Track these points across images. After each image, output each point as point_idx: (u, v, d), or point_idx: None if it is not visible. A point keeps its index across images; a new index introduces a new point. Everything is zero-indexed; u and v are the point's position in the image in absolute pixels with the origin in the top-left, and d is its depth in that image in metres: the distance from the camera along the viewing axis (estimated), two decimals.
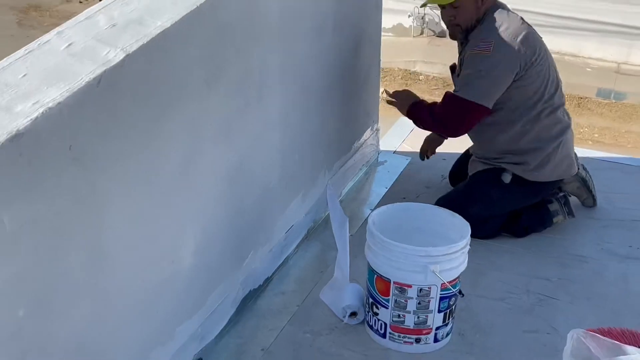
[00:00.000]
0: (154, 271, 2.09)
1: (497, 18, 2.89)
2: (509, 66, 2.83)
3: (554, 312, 2.61)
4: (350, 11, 3.00)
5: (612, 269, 2.85)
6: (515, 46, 2.83)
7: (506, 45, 2.83)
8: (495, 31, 2.85)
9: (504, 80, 2.84)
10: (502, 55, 2.83)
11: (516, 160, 2.96)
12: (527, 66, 2.83)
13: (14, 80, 1.65)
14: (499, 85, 2.84)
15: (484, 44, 2.85)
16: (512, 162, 2.97)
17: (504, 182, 2.98)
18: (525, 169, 2.96)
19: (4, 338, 1.60)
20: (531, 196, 3.04)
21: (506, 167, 2.98)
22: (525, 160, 2.95)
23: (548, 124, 2.95)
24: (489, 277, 2.78)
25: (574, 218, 3.08)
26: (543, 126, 2.94)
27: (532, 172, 2.96)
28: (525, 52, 2.83)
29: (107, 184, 1.81)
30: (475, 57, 2.88)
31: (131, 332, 2.06)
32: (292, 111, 2.70)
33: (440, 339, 2.43)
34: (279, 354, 2.41)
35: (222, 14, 2.13)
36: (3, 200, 1.52)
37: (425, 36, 12.23)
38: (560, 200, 3.07)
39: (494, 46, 2.82)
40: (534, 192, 3.02)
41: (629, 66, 11.14)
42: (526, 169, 2.96)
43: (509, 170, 2.97)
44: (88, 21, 1.90)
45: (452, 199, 2.92)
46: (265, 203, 2.64)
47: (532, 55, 2.84)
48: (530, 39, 2.88)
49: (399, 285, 2.33)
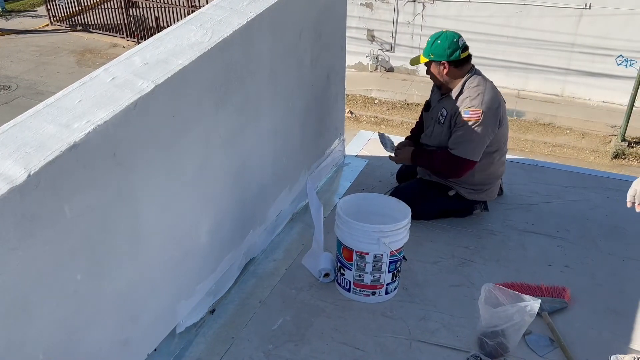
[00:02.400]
0: (178, 246, 2.08)
1: (480, 86, 2.75)
2: (491, 130, 2.74)
3: (472, 271, 2.62)
4: (322, 52, 2.99)
5: (514, 239, 2.86)
6: (497, 115, 2.74)
7: (491, 115, 2.71)
8: (482, 100, 2.71)
9: (488, 140, 2.75)
10: (488, 122, 2.71)
11: (466, 186, 2.88)
12: (499, 126, 2.78)
13: (71, 105, 1.64)
14: (484, 144, 2.75)
15: (474, 113, 2.69)
16: (462, 187, 2.89)
17: (449, 195, 2.92)
18: (470, 193, 2.90)
19: (65, 295, 1.59)
20: (464, 205, 2.96)
21: (455, 187, 2.90)
22: (473, 189, 2.89)
23: (498, 166, 2.89)
24: (425, 246, 2.79)
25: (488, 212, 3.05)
26: (494, 168, 2.87)
27: (474, 195, 2.90)
28: (501, 118, 2.77)
29: (142, 182, 1.80)
30: (467, 123, 2.71)
31: (163, 290, 2.05)
32: (280, 126, 2.69)
33: (390, 292, 2.44)
34: (272, 304, 2.41)
35: (227, 55, 2.11)
36: (64, 195, 1.51)
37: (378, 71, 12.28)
38: (482, 204, 3.00)
39: (483, 115, 2.68)
40: (468, 203, 2.95)
41: (526, 92, 11.28)
42: (470, 193, 2.90)
43: (454, 189, 2.90)
44: (127, 60, 1.88)
45: (407, 195, 2.71)
46: (261, 194, 2.63)
47: (502, 120, 2.79)
48: (503, 107, 2.79)
49: (359, 253, 2.34)
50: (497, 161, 2.88)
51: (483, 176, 2.87)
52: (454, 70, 2.78)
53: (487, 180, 2.90)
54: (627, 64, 10.45)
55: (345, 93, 3.48)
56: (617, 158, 9.83)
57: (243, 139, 2.36)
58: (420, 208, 2.74)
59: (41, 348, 1.55)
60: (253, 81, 2.34)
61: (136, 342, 1.95)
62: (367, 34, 12.19)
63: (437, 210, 2.96)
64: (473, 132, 2.71)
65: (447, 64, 2.76)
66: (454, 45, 2.75)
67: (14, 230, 1.38)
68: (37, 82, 12.51)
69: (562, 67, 10.82)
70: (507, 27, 10.81)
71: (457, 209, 2.98)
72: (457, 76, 2.80)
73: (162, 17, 13.98)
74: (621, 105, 10.33)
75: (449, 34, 2.80)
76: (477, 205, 2.98)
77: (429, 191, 2.94)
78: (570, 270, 2.63)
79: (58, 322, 1.58)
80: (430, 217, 2.94)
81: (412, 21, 11.77)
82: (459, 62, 2.77)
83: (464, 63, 2.79)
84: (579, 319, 2.33)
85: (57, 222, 1.49)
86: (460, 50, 2.76)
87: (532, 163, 3.65)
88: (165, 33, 2.08)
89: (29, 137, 1.50)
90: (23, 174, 1.38)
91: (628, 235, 2.91)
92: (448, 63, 2.76)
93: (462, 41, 2.79)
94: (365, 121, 10.93)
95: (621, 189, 3.33)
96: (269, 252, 2.75)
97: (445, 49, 2.76)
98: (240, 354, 2.15)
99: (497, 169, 2.92)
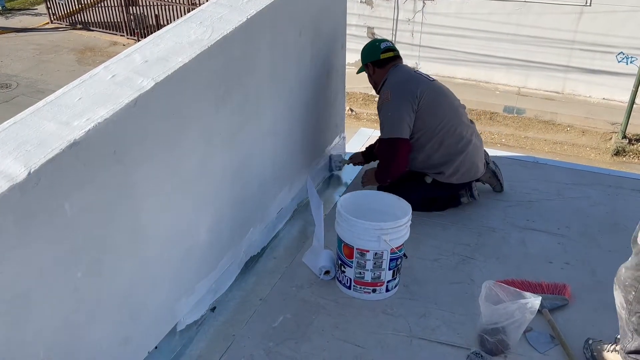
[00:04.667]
0: (179, 243, 2.08)
1: (391, 75, 2.95)
2: (406, 103, 2.82)
3: (472, 268, 2.62)
4: (322, 49, 2.99)
5: (514, 236, 2.87)
6: (406, 88, 2.85)
7: (399, 90, 2.85)
8: (390, 84, 2.91)
9: (406, 114, 2.82)
10: (398, 97, 2.83)
11: (434, 171, 2.95)
12: (418, 101, 2.83)
13: (71, 102, 1.64)
14: (403, 119, 2.82)
15: (383, 95, 2.90)
16: (432, 172, 2.96)
17: (426, 182, 2.98)
18: (441, 177, 2.94)
19: (67, 293, 1.59)
20: (447, 191, 3.02)
21: (428, 173, 2.97)
22: (440, 170, 2.93)
23: (452, 142, 2.90)
24: (425, 244, 2.79)
25: (476, 200, 3.07)
26: (448, 144, 2.90)
27: (446, 178, 2.93)
28: (413, 91, 2.83)
29: (142, 179, 1.79)
30: (381, 106, 2.90)
31: (164, 287, 2.05)
32: (281, 124, 2.68)
33: (391, 289, 2.44)
34: (272, 302, 2.41)
35: (227, 52, 2.11)
36: (64, 192, 1.50)
37: None
38: (467, 190, 3.06)
39: (391, 94, 2.86)
40: (448, 189, 3.00)
41: (527, 89, 11.26)
42: (442, 177, 2.94)
43: (430, 175, 2.97)
44: (127, 58, 1.88)
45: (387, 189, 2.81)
46: (262, 192, 2.63)
47: (419, 94, 2.84)
48: (412, 83, 2.88)
49: (360, 251, 2.34)
50: (449, 137, 2.90)
51: (441, 155, 2.91)
52: (378, 71, 3.02)
53: (448, 157, 2.91)
54: (628, 61, 10.43)
55: (345, 91, 3.48)
56: (618, 155, 9.82)
57: (243, 136, 2.36)
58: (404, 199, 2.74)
59: (42, 346, 1.55)
60: (253, 79, 2.34)
61: (137, 340, 1.95)
62: (367, 31, 12.17)
63: (420, 199, 2.96)
64: (387, 111, 2.87)
65: (371, 65, 3.03)
66: (375, 48, 3.02)
67: (14, 228, 1.38)
68: (37, 81, 12.51)
69: (563, 65, 10.80)
70: (507, 25, 10.79)
71: (440, 196, 3.03)
72: (382, 75, 3.01)
73: (162, 15, 13.97)
74: (622, 102, 10.31)
75: (373, 40, 3.09)
76: (462, 192, 3.04)
77: (408, 182, 3.00)
78: (570, 267, 2.63)
79: (58, 320, 1.58)
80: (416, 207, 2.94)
81: (412, 19, 11.76)
82: (381, 62, 3.00)
83: (386, 63, 3.00)
84: (580, 315, 2.33)
85: (58, 219, 1.49)
86: (381, 52, 3.00)
87: (532, 160, 3.65)
88: (165, 30, 2.08)
89: (29, 134, 1.50)
90: (23, 172, 1.38)
91: (628, 232, 2.88)
92: (371, 64, 3.03)
93: (385, 44, 3.04)
94: (365, 119, 10.92)
95: (621, 186, 3.34)
96: (270, 250, 2.75)
97: (367, 53, 3.05)
98: (241, 352, 2.15)
99: (454, 145, 2.91)
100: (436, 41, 11.52)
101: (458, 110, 2.97)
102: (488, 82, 11.47)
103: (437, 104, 2.90)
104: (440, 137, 2.89)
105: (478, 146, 3.02)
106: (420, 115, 2.86)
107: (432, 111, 2.87)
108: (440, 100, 2.93)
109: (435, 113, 2.88)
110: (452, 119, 2.92)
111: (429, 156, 2.92)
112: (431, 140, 2.89)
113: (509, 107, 10.97)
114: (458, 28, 11.16)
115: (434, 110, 2.88)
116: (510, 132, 10.53)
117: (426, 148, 2.90)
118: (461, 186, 3.02)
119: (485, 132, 10.23)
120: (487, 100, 11.05)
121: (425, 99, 2.86)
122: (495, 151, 3.69)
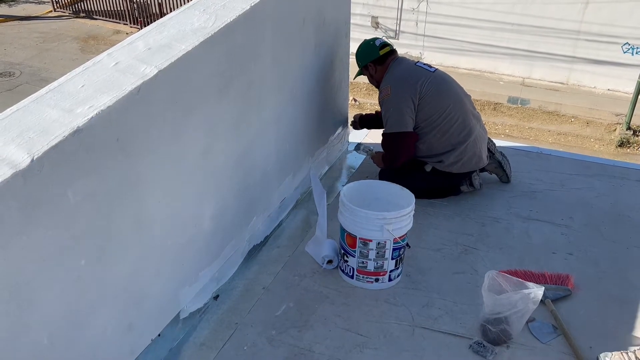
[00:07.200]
0: (182, 232, 2.08)
1: (391, 69, 2.96)
2: (406, 96, 2.84)
3: (475, 258, 2.62)
4: (326, 38, 2.97)
5: (518, 226, 2.86)
6: (407, 82, 2.86)
7: (400, 84, 2.87)
8: (390, 79, 2.92)
9: (407, 108, 2.85)
10: (399, 91, 2.85)
11: (435, 159, 2.95)
12: (418, 94, 2.84)
13: (74, 90, 1.63)
14: (406, 113, 2.85)
15: (384, 91, 2.91)
16: (432, 161, 2.96)
17: (426, 170, 2.98)
18: (440, 165, 2.95)
19: (70, 280, 1.59)
20: (448, 180, 3.02)
21: (428, 161, 2.97)
22: (441, 159, 2.93)
23: (455, 132, 2.90)
24: (428, 233, 2.79)
25: (474, 189, 3.07)
26: (451, 133, 2.89)
27: (446, 167, 2.94)
28: (413, 85, 2.84)
29: (146, 168, 1.79)
30: (383, 102, 2.92)
31: (166, 276, 2.05)
32: (284, 113, 2.67)
33: (393, 279, 2.44)
34: (275, 291, 2.41)
35: (230, 40, 2.10)
36: (67, 179, 1.50)
37: None
38: (466, 180, 3.06)
39: (391, 89, 2.87)
40: (450, 178, 3.00)
41: (531, 80, 11.22)
42: (441, 165, 2.94)
43: (429, 164, 2.98)
44: (130, 46, 1.87)
45: (388, 177, 2.83)
46: (265, 181, 2.63)
47: (419, 87, 2.84)
48: (412, 76, 2.88)
49: (363, 240, 2.33)
50: (452, 126, 2.90)
51: (443, 144, 2.92)
52: (380, 68, 3.02)
53: (450, 147, 2.91)
54: (634, 51, 10.37)
55: (349, 80, 3.47)
56: (622, 146, 9.79)
57: (246, 125, 2.35)
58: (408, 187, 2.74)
59: (45, 333, 1.56)
60: (256, 67, 2.32)
61: (140, 327, 1.96)
62: (371, 20, 12.11)
63: (421, 188, 2.92)
64: (390, 107, 2.89)
65: (372, 65, 3.03)
66: (371, 47, 3.03)
67: (17, 215, 1.38)
68: (41, 69, 12.50)
69: (568, 55, 10.75)
70: (511, 14, 10.73)
71: (441, 185, 3.04)
72: (384, 71, 3.01)
73: (165, 3, 13.93)
74: (627, 93, 10.26)
75: (366, 40, 3.07)
76: (463, 181, 3.05)
77: (408, 170, 3.01)
78: (574, 258, 2.63)
79: (62, 307, 1.59)
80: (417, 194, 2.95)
81: (416, 8, 11.69)
82: (381, 59, 3.01)
83: (385, 58, 3.01)
84: (583, 306, 2.33)
85: (61, 207, 1.49)
86: (378, 49, 3.01)
87: (536, 151, 3.63)
88: (169, 18, 2.07)
89: (32, 121, 1.50)
90: (26, 159, 1.38)
91: (632, 223, 2.91)
92: (372, 63, 3.03)
93: (379, 41, 3.05)
94: (369, 109, 10.89)
95: (626, 177, 3.32)
96: (273, 239, 2.75)
97: (365, 54, 3.04)
98: (244, 340, 2.15)
99: (456, 135, 2.91)
100: (440, 31, 11.47)
101: (462, 100, 2.96)
102: (492, 72, 11.43)
103: (439, 94, 2.89)
104: (443, 127, 2.89)
105: (482, 136, 3.01)
106: (423, 106, 2.86)
107: (434, 101, 2.87)
108: (443, 90, 2.92)
109: (437, 103, 2.88)
110: (455, 108, 2.91)
111: (432, 145, 2.93)
112: (434, 129, 2.89)
113: (513, 97, 10.93)
114: (462, 18, 11.09)
115: (436, 100, 2.88)
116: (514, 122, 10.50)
117: (429, 137, 2.91)
118: (461, 176, 3.02)
119: (489, 123, 10.20)
120: (491, 91, 11.01)
121: (426, 90, 2.86)
122: (499, 142, 3.67)
